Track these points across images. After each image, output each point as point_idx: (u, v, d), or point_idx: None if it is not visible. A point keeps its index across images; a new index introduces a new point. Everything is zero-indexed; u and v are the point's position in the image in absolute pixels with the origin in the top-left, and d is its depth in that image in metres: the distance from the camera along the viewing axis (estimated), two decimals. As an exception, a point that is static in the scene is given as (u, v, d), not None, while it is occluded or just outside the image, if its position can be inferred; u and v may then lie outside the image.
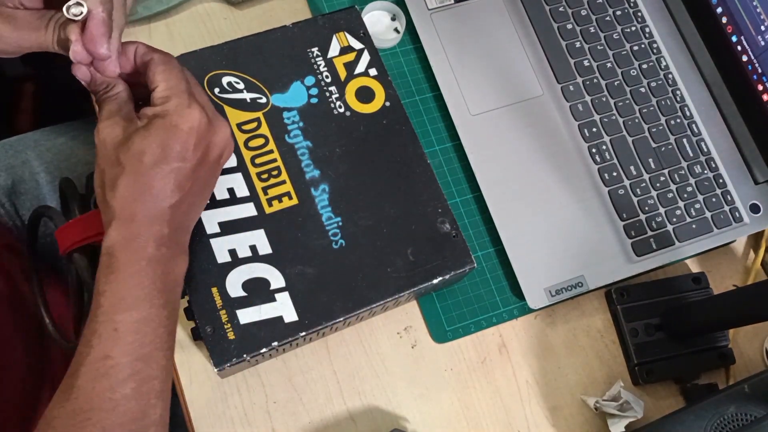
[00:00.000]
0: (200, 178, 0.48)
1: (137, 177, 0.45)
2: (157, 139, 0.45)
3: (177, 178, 0.46)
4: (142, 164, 0.45)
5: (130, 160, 0.45)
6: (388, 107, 0.59)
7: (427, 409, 0.59)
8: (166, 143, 0.45)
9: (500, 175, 0.64)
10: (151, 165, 0.45)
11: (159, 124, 0.45)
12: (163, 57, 0.48)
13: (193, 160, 0.46)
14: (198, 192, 0.48)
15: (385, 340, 0.60)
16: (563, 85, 0.68)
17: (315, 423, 0.57)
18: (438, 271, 0.55)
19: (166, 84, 0.47)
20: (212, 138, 0.47)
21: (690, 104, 0.70)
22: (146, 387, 0.44)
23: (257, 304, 0.52)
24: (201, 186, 0.49)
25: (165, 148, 0.45)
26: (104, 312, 0.44)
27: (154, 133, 0.45)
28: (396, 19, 0.69)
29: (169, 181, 0.45)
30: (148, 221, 0.45)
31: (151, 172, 0.45)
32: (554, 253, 0.63)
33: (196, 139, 0.46)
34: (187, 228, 0.49)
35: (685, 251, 0.65)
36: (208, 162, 0.48)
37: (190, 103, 0.46)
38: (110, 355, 0.43)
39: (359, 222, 0.56)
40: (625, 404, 0.57)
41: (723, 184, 0.67)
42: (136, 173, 0.45)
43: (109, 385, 0.42)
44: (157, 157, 0.45)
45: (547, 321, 0.63)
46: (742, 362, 0.64)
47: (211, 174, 0.50)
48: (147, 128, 0.45)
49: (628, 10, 0.72)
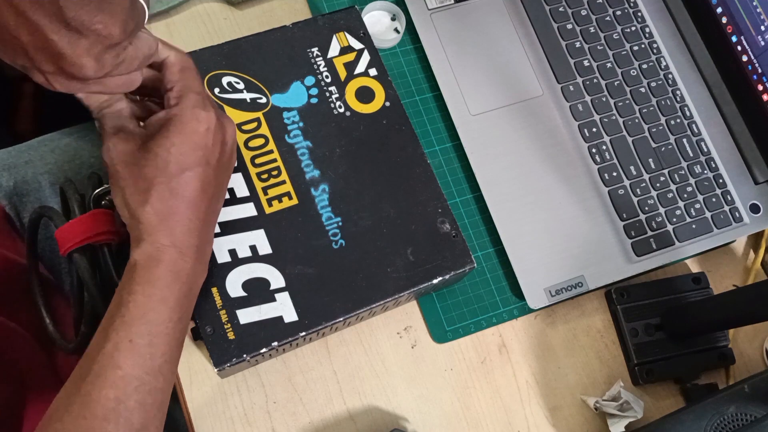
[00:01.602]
0: (218, 179, 0.47)
1: (168, 187, 0.44)
2: (180, 146, 0.44)
3: (204, 184, 0.45)
4: (170, 173, 0.43)
5: (156, 171, 0.43)
6: (388, 107, 0.59)
7: (427, 409, 0.59)
8: (189, 149, 0.44)
9: (500, 175, 0.64)
10: (178, 173, 0.44)
11: (177, 130, 0.44)
12: (180, 56, 0.46)
13: (213, 164, 0.46)
14: (218, 196, 0.48)
15: (385, 340, 0.60)
16: (563, 85, 0.68)
17: (315, 423, 0.57)
18: (438, 271, 0.55)
19: (182, 84, 0.45)
20: (224, 137, 0.47)
21: (690, 104, 0.70)
22: (151, 399, 0.43)
23: (257, 304, 0.52)
24: (220, 188, 0.48)
25: (189, 154, 0.44)
26: (124, 322, 0.43)
27: (173, 140, 0.44)
28: (396, 19, 0.69)
29: (198, 188, 0.45)
30: (184, 234, 0.44)
31: (181, 180, 0.44)
32: (554, 253, 0.63)
33: (213, 140, 0.45)
34: (211, 237, 0.48)
35: (685, 251, 0.65)
36: (223, 163, 0.47)
37: (206, 104, 0.45)
38: (121, 366, 0.42)
39: (359, 222, 0.56)
40: (625, 404, 0.57)
41: (723, 184, 0.67)
42: (166, 184, 0.44)
43: (115, 395, 0.42)
44: (183, 164, 0.44)
45: (547, 321, 0.63)
46: (742, 362, 0.64)
47: (226, 174, 0.49)
48: (165, 136, 0.44)
49: (628, 10, 0.72)
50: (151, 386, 0.43)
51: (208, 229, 0.48)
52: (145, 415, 0.43)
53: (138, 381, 0.43)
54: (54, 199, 0.74)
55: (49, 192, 0.74)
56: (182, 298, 0.45)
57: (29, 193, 0.74)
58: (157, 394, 0.44)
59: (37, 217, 0.59)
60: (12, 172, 0.74)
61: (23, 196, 0.74)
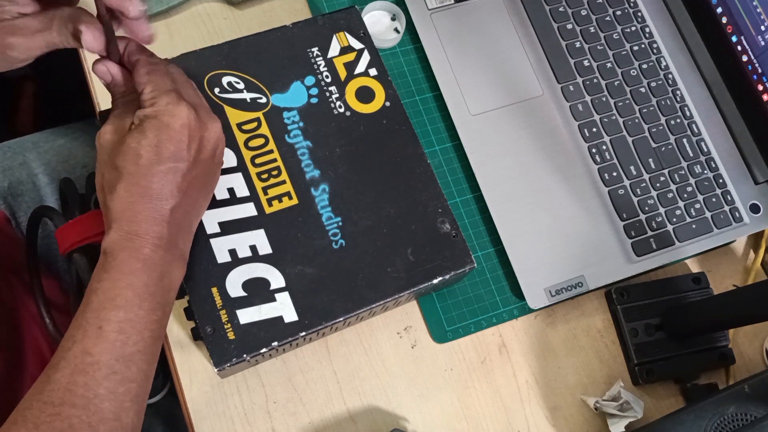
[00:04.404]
0: (197, 178, 0.48)
1: (135, 179, 0.45)
2: (151, 140, 0.45)
3: (174, 179, 0.46)
4: (139, 166, 0.45)
5: (127, 162, 0.45)
6: (388, 107, 0.59)
7: (427, 409, 0.59)
8: (160, 143, 0.45)
9: (500, 175, 0.64)
10: (148, 166, 0.45)
11: (151, 125, 0.45)
12: (147, 59, 0.48)
13: (188, 159, 0.46)
14: (197, 193, 0.48)
15: (385, 340, 0.60)
16: (563, 85, 0.68)
17: (315, 423, 0.57)
18: (438, 271, 0.55)
19: (153, 85, 0.47)
20: (204, 134, 0.48)
21: (690, 104, 0.70)
22: (123, 389, 0.43)
23: (257, 304, 0.52)
24: (199, 186, 0.48)
25: (159, 149, 0.45)
26: (92, 309, 0.44)
27: (147, 135, 0.45)
28: (396, 19, 0.69)
29: (167, 182, 0.45)
30: (147, 222, 0.45)
31: (148, 173, 0.45)
32: (554, 253, 0.63)
33: (189, 137, 0.46)
34: (187, 230, 0.49)
35: (685, 251, 0.65)
36: (202, 160, 0.48)
37: (179, 101, 0.46)
38: (91, 352, 0.43)
39: (359, 222, 0.56)
40: (625, 404, 0.57)
41: (723, 184, 0.67)
42: (134, 175, 0.45)
43: (85, 381, 0.42)
44: (153, 158, 0.45)
45: (547, 321, 0.63)
46: (742, 362, 0.64)
47: (208, 173, 0.50)
48: (140, 130, 0.45)
49: (628, 10, 0.72)
50: (123, 375, 0.43)
51: (183, 223, 0.48)
52: (117, 404, 0.43)
53: (108, 368, 0.43)
54: (49, 200, 0.74)
55: (44, 192, 0.74)
56: (151, 286, 0.45)
57: (24, 194, 0.74)
58: (129, 384, 0.44)
59: (36, 217, 0.60)
60: (7, 173, 0.74)
61: (18, 197, 0.74)
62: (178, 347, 0.57)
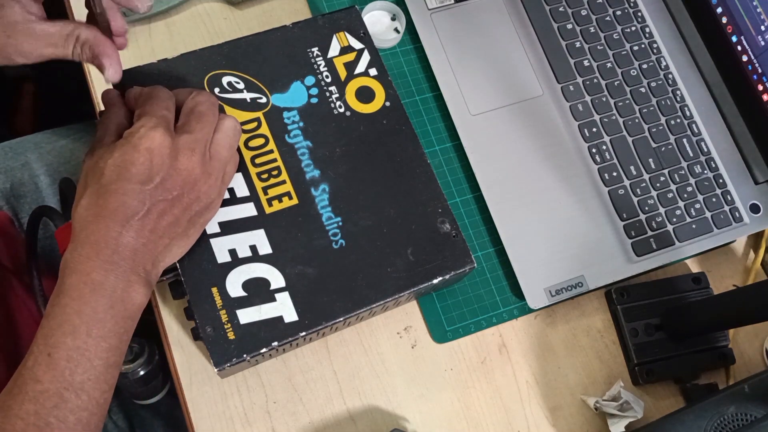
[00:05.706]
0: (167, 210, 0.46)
1: (94, 197, 0.44)
2: (116, 159, 0.45)
3: (134, 202, 0.44)
4: (100, 184, 0.44)
5: (91, 179, 0.45)
6: (388, 107, 0.59)
7: (427, 409, 0.59)
8: (123, 163, 0.44)
9: (500, 175, 0.64)
10: (107, 184, 0.44)
11: (120, 144, 0.45)
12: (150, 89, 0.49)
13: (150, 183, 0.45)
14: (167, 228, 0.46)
15: (385, 340, 0.60)
16: (563, 85, 0.68)
17: (315, 423, 0.57)
18: (438, 271, 0.55)
19: (142, 109, 0.47)
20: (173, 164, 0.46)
21: (690, 104, 0.70)
22: (73, 418, 0.42)
23: (257, 304, 0.52)
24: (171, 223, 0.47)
25: (121, 168, 0.44)
26: (43, 335, 0.43)
27: (114, 154, 0.45)
28: (396, 19, 0.69)
29: (125, 203, 0.44)
30: (99, 244, 0.44)
31: (107, 191, 0.44)
32: (554, 253, 0.63)
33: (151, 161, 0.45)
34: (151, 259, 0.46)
35: (685, 251, 0.65)
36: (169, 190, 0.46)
37: (156, 126, 0.45)
38: (41, 380, 0.42)
39: (359, 222, 0.56)
40: (625, 404, 0.57)
41: (723, 184, 0.67)
42: (94, 193, 0.44)
43: (35, 410, 0.41)
44: (113, 176, 0.44)
45: (547, 321, 0.63)
46: (742, 362, 0.64)
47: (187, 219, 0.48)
48: (110, 149, 0.45)
49: (628, 10, 0.72)
50: (73, 404, 0.42)
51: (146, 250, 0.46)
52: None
53: (57, 397, 0.42)
54: (51, 201, 0.74)
55: (46, 193, 0.74)
56: (101, 313, 0.43)
57: (26, 195, 0.74)
58: (80, 413, 0.42)
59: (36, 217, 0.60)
60: (8, 174, 0.74)
61: (20, 198, 0.74)
62: (178, 347, 0.57)
